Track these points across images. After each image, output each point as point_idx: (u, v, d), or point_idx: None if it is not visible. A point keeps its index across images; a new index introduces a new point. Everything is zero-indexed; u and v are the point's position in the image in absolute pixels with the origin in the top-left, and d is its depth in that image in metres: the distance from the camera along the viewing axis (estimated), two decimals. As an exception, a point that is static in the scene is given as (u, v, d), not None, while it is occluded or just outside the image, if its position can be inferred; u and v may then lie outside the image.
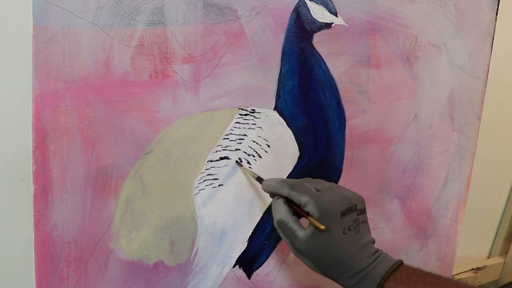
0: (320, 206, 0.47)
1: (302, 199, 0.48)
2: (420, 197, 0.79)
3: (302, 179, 0.53)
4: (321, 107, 0.62)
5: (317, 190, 0.50)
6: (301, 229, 0.48)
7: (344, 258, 0.47)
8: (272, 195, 0.53)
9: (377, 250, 0.50)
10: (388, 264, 0.48)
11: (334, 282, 0.50)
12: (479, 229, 1.10)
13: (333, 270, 0.48)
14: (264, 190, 0.53)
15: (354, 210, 0.49)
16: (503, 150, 1.07)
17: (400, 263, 0.49)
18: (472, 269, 1.08)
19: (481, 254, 1.14)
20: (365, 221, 0.51)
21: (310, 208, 0.47)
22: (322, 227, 0.46)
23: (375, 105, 0.68)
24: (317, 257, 0.48)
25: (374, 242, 0.51)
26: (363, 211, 0.51)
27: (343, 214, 0.48)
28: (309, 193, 0.48)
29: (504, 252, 1.14)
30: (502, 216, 1.13)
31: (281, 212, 0.50)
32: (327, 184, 0.52)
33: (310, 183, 0.51)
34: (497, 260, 1.13)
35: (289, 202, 0.50)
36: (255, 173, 0.56)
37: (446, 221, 0.84)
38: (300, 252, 0.48)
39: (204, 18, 0.52)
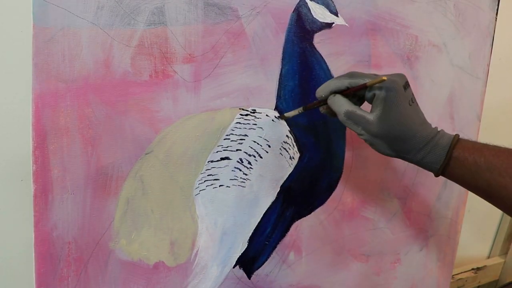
0: (384, 82, 0.48)
1: (365, 79, 0.49)
2: (420, 197, 0.79)
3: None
4: (322, 107, 0.62)
5: (374, 74, 0.51)
6: (369, 113, 0.49)
7: (414, 128, 0.49)
8: (326, 97, 0.52)
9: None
10: (451, 135, 0.51)
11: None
12: (479, 229, 1.10)
13: (406, 144, 0.50)
14: (321, 96, 0.52)
15: (409, 85, 0.51)
16: (503, 150, 1.07)
17: (459, 136, 0.51)
18: (472, 269, 1.08)
19: (481, 254, 1.14)
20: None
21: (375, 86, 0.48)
22: (383, 77, 0.47)
23: (375, 105, 0.68)
24: (390, 134, 0.49)
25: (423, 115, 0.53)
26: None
27: (405, 87, 0.50)
28: (368, 76, 0.50)
29: (504, 252, 1.14)
30: (502, 216, 1.13)
31: (345, 104, 0.50)
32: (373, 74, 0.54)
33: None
34: (497, 260, 1.13)
35: (346, 92, 0.51)
36: (299, 109, 0.56)
37: (446, 221, 0.84)
38: (374, 134, 0.49)
39: (205, 18, 0.52)
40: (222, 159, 0.56)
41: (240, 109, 0.57)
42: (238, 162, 0.57)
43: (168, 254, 0.55)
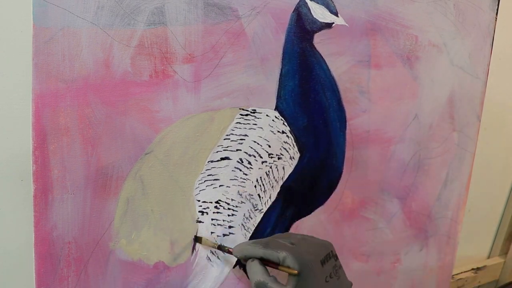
0: (299, 258, 0.47)
1: (279, 255, 0.47)
2: (420, 197, 0.79)
3: (272, 236, 0.52)
4: (322, 107, 0.62)
5: (291, 244, 0.49)
6: (283, 286, 0.47)
7: None
8: (245, 259, 0.51)
9: None
10: None
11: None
12: (479, 229, 1.10)
13: None
14: (236, 256, 0.52)
15: (332, 257, 0.50)
16: (503, 150, 1.07)
17: None
18: (472, 269, 1.08)
19: (481, 254, 1.14)
20: (341, 266, 0.51)
21: (289, 262, 0.47)
22: (295, 271, 0.46)
23: (375, 105, 0.68)
24: None
25: (351, 286, 0.51)
26: (337, 257, 0.51)
27: (323, 262, 0.49)
28: (284, 248, 0.48)
29: (504, 252, 1.14)
30: (502, 216, 1.13)
31: (259, 274, 0.48)
32: (299, 236, 0.52)
33: (282, 239, 0.51)
34: (497, 260, 1.13)
35: (264, 262, 0.49)
36: (215, 243, 0.55)
37: (446, 221, 0.84)
38: None
39: (205, 18, 0.52)
40: (222, 159, 0.56)
41: (240, 109, 0.57)
42: (238, 162, 0.57)
43: (168, 254, 0.55)
